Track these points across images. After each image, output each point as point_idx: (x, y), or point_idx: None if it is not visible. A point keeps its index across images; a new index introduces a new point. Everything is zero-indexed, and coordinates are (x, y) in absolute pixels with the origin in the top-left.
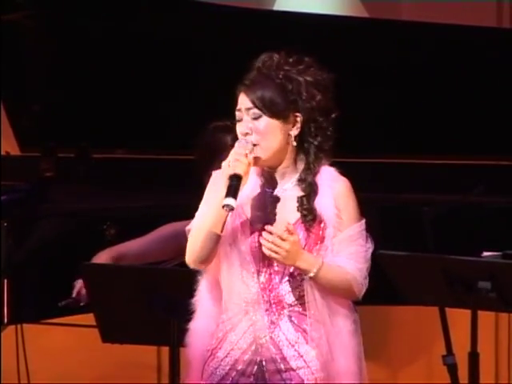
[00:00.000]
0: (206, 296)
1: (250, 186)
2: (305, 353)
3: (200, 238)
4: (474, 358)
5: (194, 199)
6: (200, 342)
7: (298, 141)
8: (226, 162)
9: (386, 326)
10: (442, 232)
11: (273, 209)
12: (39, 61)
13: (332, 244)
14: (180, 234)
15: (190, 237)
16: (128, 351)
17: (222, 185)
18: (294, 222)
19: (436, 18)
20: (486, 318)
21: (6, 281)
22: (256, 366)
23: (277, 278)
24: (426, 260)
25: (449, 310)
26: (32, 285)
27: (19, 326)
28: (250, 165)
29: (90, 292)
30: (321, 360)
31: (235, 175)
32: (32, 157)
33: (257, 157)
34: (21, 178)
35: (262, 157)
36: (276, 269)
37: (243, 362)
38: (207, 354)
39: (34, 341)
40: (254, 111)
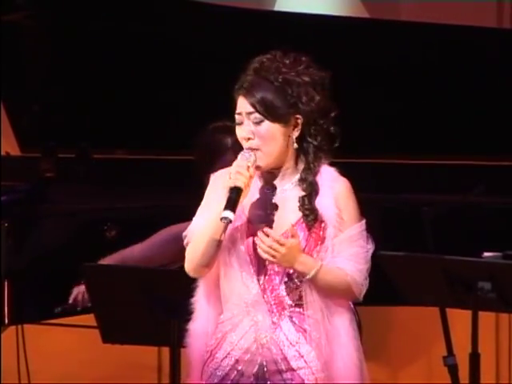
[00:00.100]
0: (204, 296)
1: (250, 186)
2: (305, 353)
3: (201, 245)
4: (475, 358)
5: (194, 200)
6: (199, 343)
7: (298, 142)
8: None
9: (386, 326)
10: (442, 232)
11: (272, 209)
12: (39, 61)
13: (332, 244)
14: (179, 237)
15: (190, 245)
16: (128, 352)
17: (222, 194)
18: (294, 222)
19: (436, 18)
20: (486, 318)
21: (6, 281)
22: (257, 366)
23: (277, 279)
24: (426, 260)
25: (449, 311)
26: (32, 285)
27: (20, 327)
28: (251, 177)
29: (91, 293)
30: (321, 360)
31: (235, 188)
32: (32, 157)
33: (258, 166)
34: (21, 178)
35: (264, 163)
36: (276, 269)
37: (244, 363)
38: (206, 354)
39: (34, 341)
40: (256, 116)
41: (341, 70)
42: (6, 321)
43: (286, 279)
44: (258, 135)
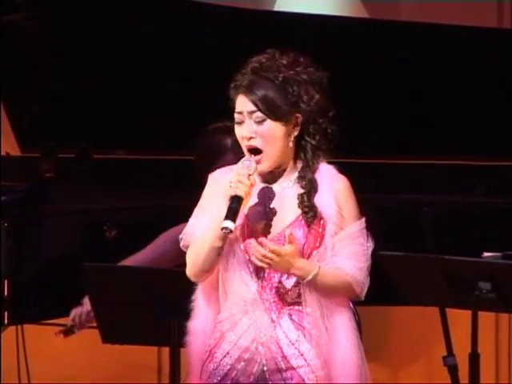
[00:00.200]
0: (204, 295)
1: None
2: (305, 351)
3: (201, 253)
4: (475, 358)
5: (194, 200)
6: (199, 341)
7: (296, 141)
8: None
9: (386, 326)
10: (442, 232)
11: (271, 207)
12: (39, 61)
13: (332, 243)
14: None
15: (191, 251)
16: (128, 352)
17: (223, 203)
18: (293, 219)
19: (436, 19)
20: (486, 318)
21: (6, 281)
22: (256, 365)
23: (276, 277)
24: (426, 260)
25: (449, 311)
26: (32, 285)
27: (19, 327)
28: (252, 186)
29: (91, 293)
30: (321, 358)
31: (236, 197)
32: (32, 157)
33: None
34: (21, 178)
35: (267, 165)
36: None
37: (243, 362)
38: (206, 354)
39: (34, 341)
40: (258, 115)
41: (341, 70)
42: (6, 321)
43: (284, 277)
44: (260, 135)
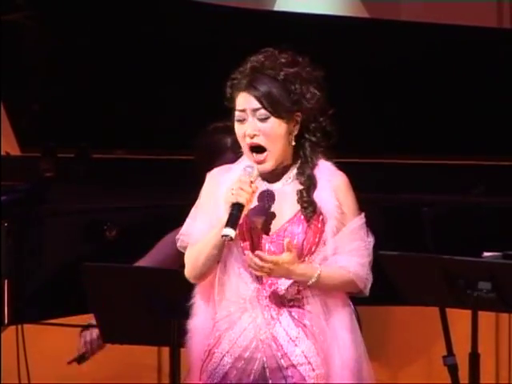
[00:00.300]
0: (203, 294)
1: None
2: (305, 348)
3: (201, 257)
4: (475, 358)
5: (194, 200)
6: (199, 339)
7: (296, 138)
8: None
9: (386, 326)
10: (441, 232)
11: (270, 204)
12: (39, 61)
13: (334, 241)
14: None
15: (190, 255)
16: (128, 352)
17: (224, 210)
18: (293, 215)
19: (436, 18)
20: (486, 318)
21: (6, 281)
22: (257, 363)
23: None
24: (426, 260)
25: (449, 311)
26: (32, 285)
27: (19, 327)
28: (253, 193)
29: (91, 293)
30: (321, 355)
31: (237, 204)
32: (32, 157)
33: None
34: (21, 178)
35: (271, 164)
36: None
37: (244, 360)
38: (205, 354)
39: (34, 341)
40: (262, 112)
41: (341, 70)
42: (6, 321)
43: None
44: (263, 132)
